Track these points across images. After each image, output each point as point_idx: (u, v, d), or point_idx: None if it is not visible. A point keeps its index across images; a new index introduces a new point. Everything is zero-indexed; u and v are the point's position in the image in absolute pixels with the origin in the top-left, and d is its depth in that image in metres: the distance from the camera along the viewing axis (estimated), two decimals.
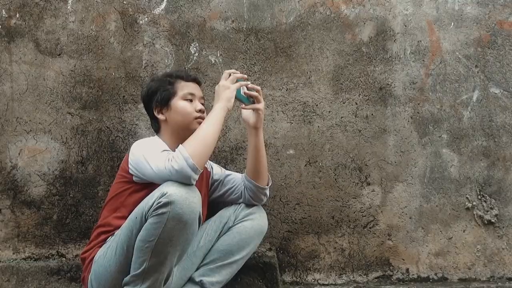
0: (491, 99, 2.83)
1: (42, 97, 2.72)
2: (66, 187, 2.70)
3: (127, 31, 2.77)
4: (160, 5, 2.79)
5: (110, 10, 2.77)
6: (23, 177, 2.69)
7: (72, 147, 2.71)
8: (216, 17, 2.80)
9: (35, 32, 2.74)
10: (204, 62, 2.78)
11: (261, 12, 2.81)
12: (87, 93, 2.74)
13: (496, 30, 2.86)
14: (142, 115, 2.71)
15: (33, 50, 2.73)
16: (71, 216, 2.69)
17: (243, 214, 2.34)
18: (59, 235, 2.69)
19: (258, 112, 2.28)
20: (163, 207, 1.92)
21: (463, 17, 2.85)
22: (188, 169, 1.96)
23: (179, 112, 2.26)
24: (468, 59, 2.84)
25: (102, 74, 2.74)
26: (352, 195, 2.77)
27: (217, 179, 2.45)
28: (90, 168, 2.72)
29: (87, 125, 2.73)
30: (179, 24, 2.78)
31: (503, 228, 2.78)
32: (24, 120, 2.71)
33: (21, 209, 2.68)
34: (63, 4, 2.76)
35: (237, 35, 2.80)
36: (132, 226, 2.02)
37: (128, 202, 2.16)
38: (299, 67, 2.80)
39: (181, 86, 2.31)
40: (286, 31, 2.81)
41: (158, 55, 2.77)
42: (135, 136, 2.71)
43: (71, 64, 2.74)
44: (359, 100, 2.80)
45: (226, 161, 2.74)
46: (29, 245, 2.68)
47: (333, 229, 2.76)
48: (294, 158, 2.78)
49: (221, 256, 2.28)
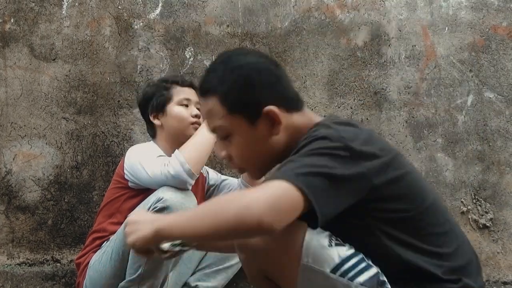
0: (486, 104, 2.84)
1: (37, 102, 2.71)
2: (61, 192, 2.69)
3: (122, 36, 2.77)
4: (155, 10, 2.79)
5: (105, 15, 2.77)
6: (18, 182, 2.68)
7: (67, 152, 2.71)
8: (211, 22, 2.80)
9: (29, 37, 2.73)
10: (199, 66, 2.78)
11: (256, 17, 2.82)
12: (82, 98, 2.73)
13: (490, 35, 2.88)
14: (137, 120, 2.70)
15: (27, 55, 2.73)
16: (66, 221, 2.68)
17: None
18: (54, 240, 2.68)
19: None
20: (159, 212, 1.92)
21: (457, 22, 2.87)
22: (184, 174, 1.96)
23: (175, 118, 2.26)
24: (463, 64, 2.86)
25: (97, 79, 2.74)
26: None
27: (213, 184, 2.44)
28: (85, 173, 2.71)
29: (82, 130, 2.72)
30: (174, 29, 2.78)
31: (498, 232, 2.79)
32: (19, 125, 2.70)
33: (15, 215, 2.67)
34: (58, 9, 2.75)
35: (232, 39, 2.80)
36: None
37: (124, 208, 2.16)
38: (294, 71, 2.80)
39: (176, 91, 2.30)
40: (281, 36, 2.82)
41: (153, 59, 2.77)
42: (130, 141, 2.71)
43: (65, 69, 2.73)
44: (354, 104, 2.81)
45: (221, 165, 2.74)
46: (24, 251, 2.67)
47: None
48: None
49: (216, 261, 2.28)
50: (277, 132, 1.33)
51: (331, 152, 1.19)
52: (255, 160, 1.39)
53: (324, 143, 1.21)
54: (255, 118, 1.31)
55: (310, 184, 1.14)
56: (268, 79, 1.34)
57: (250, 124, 1.32)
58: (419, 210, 1.28)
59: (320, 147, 1.21)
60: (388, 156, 1.27)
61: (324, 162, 1.18)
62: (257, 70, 1.33)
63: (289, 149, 1.31)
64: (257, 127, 1.32)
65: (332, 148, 1.20)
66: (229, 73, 1.32)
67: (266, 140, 1.34)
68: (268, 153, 1.36)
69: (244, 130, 1.33)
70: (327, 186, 1.16)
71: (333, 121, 1.33)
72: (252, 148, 1.36)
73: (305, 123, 1.36)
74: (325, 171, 1.17)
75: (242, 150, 1.37)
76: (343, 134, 1.24)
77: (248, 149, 1.36)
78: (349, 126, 1.31)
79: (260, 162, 1.39)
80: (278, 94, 1.34)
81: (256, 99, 1.32)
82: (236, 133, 1.34)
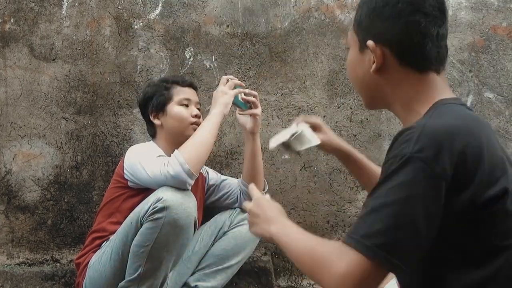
0: (485, 104, 2.84)
1: (37, 102, 2.71)
2: (61, 192, 2.69)
3: (122, 36, 2.77)
4: (155, 10, 2.79)
5: (105, 15, 2.77)
6: (18, 182, 2.68)
7: (66, 152, 2.71)
8: (211, 22, 2.80)
9: (29, 37, 2.73)
10: (199, 67, 2.78)
11: (256, 17, 2.82)
12: (81, 98, 2.73)
13: (490, 35, 2.88)
14: (137, 120, 2.70)
15: (27, 55, 2.73)
16: (66, 221, 2.69)
17: (239, 219, 2.34)
18: (54, 240, 2.68)
19: (256, 117, 2.27)
20: (159, 212, 1.93)
21: (457, 22, 2.87)
22: (183, 174, 1.96)
23: (175, 118, 2.26)
24: (462, 64, 2.86)
25: (97, 79, 2.74)
26: (347, 200, 2.78)
27: (212, 184, 2.45)
28: (85, 173, 2.71)
29: (81, 130, 2.72)
30: (174, 29, 2.79)
31: None
32: (19, 125, 2.70)
33: (15, 214, 2.67)
34: (58, 9, 2.75)
35: (232, 40, 2.80)
36: (127, 231, 2.02)
37: (123, 207, 2.16)
38: (294, 71, 2.81)
39: (176, 91, 2.31)
40: (281, 36, 2.82)
41: (153, 60, 2.77)
42: (130, 141, 2.71)
43: (65, 69, 2.73)
44: (354, 104, 2.81)
45: (221, 165, 2.74)
46: (24, 250, 2.67)
47: (328, 233, 2.76)
48: (289, 162, 2.78)
49: (216, 261, 2.28)
50: (374, 71, 1.21)
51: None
52: (356, 83, 1.32)
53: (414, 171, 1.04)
54: (363, 46, 1.24)
55: (394, 252, 1.02)
56: (394, 17, 1.19)
57: (359, 48, 1.26)
58: None
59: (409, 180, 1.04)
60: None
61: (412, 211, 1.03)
62: (385, 1, 1.20)
63: (402, 109, 1.23)
64: (363, 55, 1.25)
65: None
66: None
67: (366, 73, 1.24)
68: (369, 89, 1.28)
69: (354, 51, 1.29)
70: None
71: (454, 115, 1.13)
72: (354, 71, 1.30)
73: (425, 93, 1.20)
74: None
75: (348, 66, 1.33)
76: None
77: (351, 70, 1.32)
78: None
79: (362, 90, 1.32)
80: (396, 37, 1.19)
81: (367, 28, 1.23)
82: (351, 49, 1.31)
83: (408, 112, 1.22)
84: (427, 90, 1.19)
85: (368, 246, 1.02)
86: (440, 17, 1.20)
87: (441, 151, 1.02)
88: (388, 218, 1.02)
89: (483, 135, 1.10)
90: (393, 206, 1.02)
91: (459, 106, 1.17)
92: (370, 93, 1.28)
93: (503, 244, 1.06)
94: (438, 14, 1.19)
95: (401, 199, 1.02)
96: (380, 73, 1.21)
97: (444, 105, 1.16)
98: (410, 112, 1.21)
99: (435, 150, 1.02)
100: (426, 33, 1.18)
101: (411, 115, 1.21)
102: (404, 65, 1.19)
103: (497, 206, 1.05)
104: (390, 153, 1.10)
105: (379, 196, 1.05)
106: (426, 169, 1.01)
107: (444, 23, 1.21)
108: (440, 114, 1.12)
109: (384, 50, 1.19)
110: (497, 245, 1.06)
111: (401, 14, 1.17)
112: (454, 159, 1.03)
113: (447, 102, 1.17)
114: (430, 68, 1.20)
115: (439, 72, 1.22)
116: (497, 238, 1.06)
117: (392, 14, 1.18)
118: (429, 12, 1.18)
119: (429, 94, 1.19)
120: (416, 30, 1.17)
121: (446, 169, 1.02)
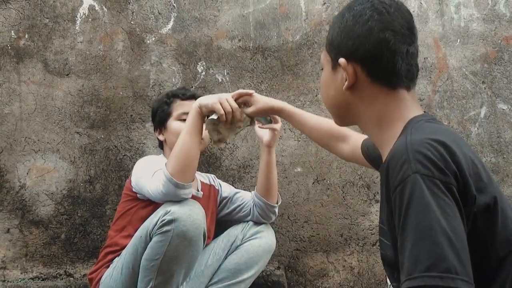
0: (499, 115, 2.82)
1: (51, 116, 2.73)
2: (74, 206, 2.70)
3: (135, 51, 2.79)
4: (167, 25, 2.81)
5: (117, 30, 2.79)
6: (31, 197, 2.69)
7: (80, 166, 2.72)
8: (223, 36, 2.82)
9: (43, 53, 2.76)
10: (211, 80, 2.79)
11: (268, 31, 2.83)
12: (95, 112, 2.75)
13: (502, 46, 2.86)
14: (149, 134, 2.72)
15: (41, 70, 2.75)
16: (79, 236, 2.69)
17: (251, 232, 2.33)
18: (67, 255, 2.68)
19: (274, 132, 2.25)
20: (167, 224, 1.92)
21: (469, 34, 2.86)
22: (173, 188, 1.93)
23: (174, 133, 2.26)
24: (475, 76, 2.84)
25: (110, 93, 2.76)
26: (361, 213, 2.76)
27: (225, 196, 2.44)
28: (98, 187, 2.72)
29: (95, 144, 2.73)
30: (186, 43, 2.80)
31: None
32: (33, 139, 2.72)
33: (29, 229, 2.68)
34: (72, 24, 2.78)
35: (244, 53, 2.81)
36: (137, 245, 2.02)
37: (135, 219, 2.16)
38: (306, 84, 2.81)
39: (176, 106, 2.32)
40: (292, 50, 2.83)
41: (165, 74, 2.78)
42: (142, 155, 2.71)
43: (79, 84, 2.76)
44: None
45: (233, 179, 2.74)
46: (37, 265, 2.67)
47: (342, 247, 2.74)
48: (302, 175, 2.77)
49: (229, 275, 2.27)
50: (346, 88, 1.24)
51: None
52: (328, 102, 1.35)
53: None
54: (335, 65, 1.27)
55: (462, 269, 0.96)
56: (364, 35, 1.21)
57: (332, 67, 1.29)
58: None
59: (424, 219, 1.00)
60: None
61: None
62: (356, 20, 1.23)
63: (372, 126, 1.26)
64: (336, 74, 1.28)
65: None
66: (340, 15, 1.28)
67: (339, 91, 1.27)
68: (341, 106, 1.31)
69: (327, 70, 1.31)
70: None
71: (428, 137, 1.09)
72: (327, 90, 1.33)
73: (395, 109, 1.23)
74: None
75: (322, 86, 1.36)
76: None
77: (324, 89, 1.34)
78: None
79: (334, 108, 1.35)
80: (366, 54, 1.21)
81: (339, 47, 1.26)
82: (324, 68, 1.34)
83: (379, 128, 1.25)
84: (397, 107, 1.22)
85: (434, 277, 0.95)
86: (409, 36, 1.23)
87: (440, 161, 1.03)
88: (438, 240, 0.97)
89: (463, 146, 1.11)
90: (433, 228, 0.98)
91: (432, 122, 1.19)
92: (342, 111, 1.32)
93: (504, 253, 1.06)
94: (407, 32, 1.22)
95: (436, 218, 0.98)
96: (352, 90, 1.25)
97: (418, 122, 1.17)
98: (381, 128, 1.24)
99: (434, 163, 1.02)
100: (396, 51, 1.20)
101: (382, 131, 1.24)
102: (375, 82, 1.22)
103: (490, 216, 1.06)
104: (392, 182, 1.07)
105: (412, 228, 1.00)
106: (437, 183, 1.01)
107: (413, 42, 1.24)
108: (418, 130, 1.13)
109: (355, 68, 1.23)
110: (498, 256, 1.06)
111: (371, 32, 1.20)
112: (453, 167, 1.03)
113: (420, 119, 1.19)
114: (400, 85, 1.23)
115: (410, 89, 1.24)
116: (498, 249, 1.07)
117: (362, 32, 1.21)
118: (398, 30, 1.20)
119: (399, 110, 1.22)
120: (386, 48, 1.20)
121: (451, 177, 1.02)
